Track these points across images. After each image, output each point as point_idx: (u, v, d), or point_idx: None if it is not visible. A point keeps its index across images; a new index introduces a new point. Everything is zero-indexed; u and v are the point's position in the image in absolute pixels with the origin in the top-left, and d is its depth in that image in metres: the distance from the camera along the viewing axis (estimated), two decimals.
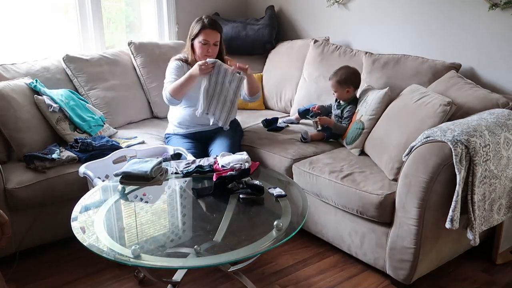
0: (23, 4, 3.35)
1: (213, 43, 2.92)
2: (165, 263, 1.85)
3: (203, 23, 2.91)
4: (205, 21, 2.91)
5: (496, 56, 2.84)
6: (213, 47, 2.93)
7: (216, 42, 2.94)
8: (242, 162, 2.41)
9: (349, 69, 2.99)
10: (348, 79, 2.95)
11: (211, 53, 2.93)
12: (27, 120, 2.81)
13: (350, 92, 2.97)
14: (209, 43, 2.91)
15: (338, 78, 2.96)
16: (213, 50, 2.94)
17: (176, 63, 3.02)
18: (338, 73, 2.98)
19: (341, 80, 2.95)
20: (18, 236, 2.61)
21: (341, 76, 2.96)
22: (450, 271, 2.58)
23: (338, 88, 2.98)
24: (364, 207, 2.41)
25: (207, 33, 2.90)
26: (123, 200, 2.27)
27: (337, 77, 2.97)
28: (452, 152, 2.13)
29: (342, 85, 2.96)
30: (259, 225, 2.14)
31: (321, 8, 3.75)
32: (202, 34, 2.90)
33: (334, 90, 3.01)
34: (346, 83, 2.95)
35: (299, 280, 2.53)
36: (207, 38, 2.90)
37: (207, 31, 2.90)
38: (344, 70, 2.98)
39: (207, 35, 2.90)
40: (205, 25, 2.90)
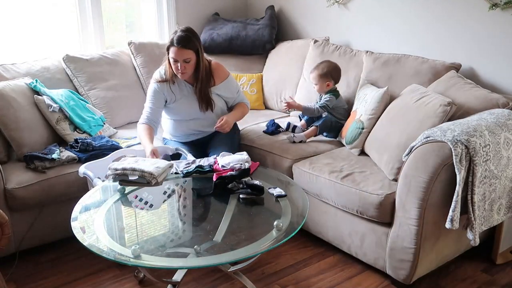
0: (23, 4, 3.35)
1: (183, 60, 2.68)
2: (165, 263, 1.86)
3: (172, 39, 2.66)
4: (175, 37, 2.66)
5: (496, 56, 2.84)
6: (185, 64, 2.69)
7: (187, 59, 2.68)
8: (242, 162, 2.41)
9: (330, 63, 3.08)
10: (329, 72, 3.04)
11: (185, 71, 2.71)
12: (27, 120, 2.81)
13: (330, 85, 3.07)
14: (178, 60, 2.68)
15: (320, 71, 3.04)
16: (186, 67, 2.70)
17: (154, 88, 2.83)
18: (320, 66, 3.06)
19: (322, 73, 3.03)
20: (18, 236, 2.61)
21: (323, 69, 3.04)
22: (450, 271, 2.58)
23: (319, 81, 3.06)
24: (364, 207, 2.41)
25: (174, 51, 2.66)
26: (123, 200, 2.27)
27: (319, 70, 3.05)
28: (452, 152, 2.13)
29: (323, 78, 3.04)
30: (259, 225, 2.14)
31: (321, 8, 3.75)
32: (170, 51, 2.69)
33: (315, 83, 3.09)
34: (327, 76, 3.04)
35: (299, 280, 2.53)
36: (175, 57, 2.67)
37: (173, 48, 2.66)
38: (326, 64, 3.07)
39: (174, 53, 2.67)
40: (173, 42, 2.65)
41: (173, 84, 2.83)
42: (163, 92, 2.84)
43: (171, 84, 2.83)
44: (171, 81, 2.82)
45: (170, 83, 2.83)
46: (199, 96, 2.83)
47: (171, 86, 2.84)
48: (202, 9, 4.07)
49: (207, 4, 4.11)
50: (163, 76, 2.83)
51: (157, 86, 2.84)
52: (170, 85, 2.83)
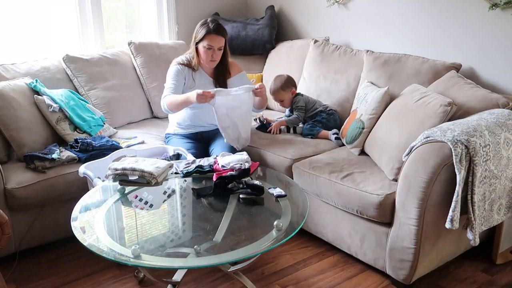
0: (23, 4, 3.35)
1: (218, 48, 2.89)
2: (165, 263, 1.85)
3: (208, 27, 2.85)
4: (211, 25, 2.86)
5: (496, 56, 2.84)
6: (218, 52, 2.90)
7: (221, 47, 2.90)
8: (242, 162, 2.41)
9: (281, 76, 3.27)
10: (287, 82, 3.23)
11: (215, 58, 2.92)
12: (27, 120, 2.81)
13: (294, 92, 3.25)
14: (214, 48, 2.88)
15: (280, 85, 3.22)
16: (217, 55, 2.91)
17: (177, 68, 2.98)
18: (276, 83, 3.24)
19: (283, 85, 3.22)
20: (18, 236, 2.61)
21: (281, 82, 3.22)
22: (450, 271, 2.58)
23: (284, 94, 3.23)
24: (364, 207, 2.41)
25: (211, 38, 2.86)
26: (123, 200, 2.27)
27: (277, 86, 3.23)
28: (452, 152, 2.13)
29: (286, 90, 3.22)
30: (259, 225, 2.14)
31: (321, 8, 3.75)
32: (206, 39, 2.86)
33: (280, 99, 3.27)
34: (287, 85, 3.23)
35: (299, 280, 2.53)
36: (211, 43, 2.86)
37: (212, 36, 2.86)
38: (279, 79, 3.25)
39: (211, 40, 2.86)
40: (210, 30, 2.85)
41: (193, 71, 2.97)
42: (184, 75, 2.97)
43: (192, 71, 2.98)
44: (193, 68, 2.97)
45: (192, 69, 2.97)
46: (218, 83, 2.98)
47: (191, 73, 2.98)
48: (202, 9, 4.08)
49: (207, 4, 4.11)
50: (187, 58, 2.98)
51: (179, 68, 2.98)
52: (191, 72, 2.98)
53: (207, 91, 2.70)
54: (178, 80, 2.95)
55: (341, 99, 3.26)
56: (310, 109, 3.22)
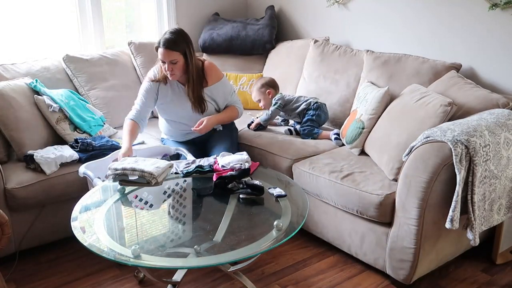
0: (23, 4, 3.35)
1: (170, 62, 2.70)
2: (165, 263, 1.85)
3: (159, 41, 2.71)
4: (161, 39, 2.70)
5: (496, 56, 2.84)
6: (173, 65, 2.71)
7: (173, 60, 2.69)
8: (242, 162, 2.41)
9: (263, 78, 3.38)
10: (265, 83, 3.30)
11: (173, 72, 2.73)
12: (27, 120, 2.81)
13: (271, 93, 3.28)
14: (165, 61, 2.71)
15: (256, 85, 3.31)
16: (174, 68, 2.72)
17: (147, 85, 2.86)
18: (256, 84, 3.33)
19: (259, 85, 3.29)
20: (18, 236, 2.61)
21: (259, 82, 3.33)
22: (450, 271, 2.58)
23: (262, 94, 3.29)
24: (364, 207, 2.41)
25: (160, 52, 2.70)
26: (123, 200, 2.27)
27: (254, 85, 3.33)
28: (452, 152, 2.13)
29: (260, 89, 3.29)
30: (259, 225, 2.14)
31: (321, 8, 3.75)
32: (158, 52, 2.72)
33: (258, 99, 3.33)
34: (263, 86, 3.29)
35: (299, 280, 2.53)
36: (161, 58, 2.71)
37: (160, 50, 2.70)
38: (259, 79, 3.37)
39: (161, 55, 2.70)
40: (159, 44, 2.70)
41: (165, 84, 2.86)
42: (155, 92, 2.87)
43: (164, 84, 2.86)
44: (163, 81, 2.85)
45: (163, 83, 2.85)
46: (191, 96, 2.83)
47: (164, 86, 2.86)
48: (202, 9, 4.08)
49: (207, 4, 4.11)
50: (156, 76, 2.86)
51: (149, 85, 2.87)
52: (163, 85, 2.86)
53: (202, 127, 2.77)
54: (146, 100, 2.86)
55: (341, 99, 3.26)
56: (290, 106, 3.20)
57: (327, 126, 3.31)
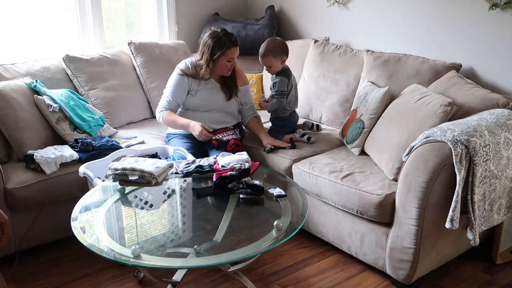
0: (23, 4, 3.35)
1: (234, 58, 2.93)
2: (165, 263, 1.85)
3: (227, 41, 2.85)
4: (228, 39, 2.86)
5: (496, 56, 2.84)
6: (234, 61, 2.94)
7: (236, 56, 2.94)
8: (242, 162, 2.41)
9: (275, 40, 3.02)
10: (279, 48, 2.95)
11: (232, 66, 2.95)
12: (27, 120, 2.81)
13: (285, 61, 2.99)
14: (234, 59, 2.92)
15: (272, 50, 2.94)
16: (233, 63, 2.95)
17: (179, 78, 2.96)
18: (267, 46, 2.96)
19: (274, 51, 2.94)
20: (18, 236, 2.61)
21: (273, 46, 2.95)
22: (450, 271, 2.58)
23: (273, 61, 2.96)
24: (364, 207, 2.41)
25: (233, 51, 2.88)
26: (123, 200, 2.27)
27: (268, 50, 2.94)
28: (452, 152, 2.13)
29: (277, 57, 2.95)
30: (259, 225, 2.14)
31: (321, 8, 3.75)
32: (228, 53, 2.87)
33: (269, 65, 2.99)
34: (279, 52, 2.95)
35: (299, 280, 2.53)
36: (233, 56, 2.90)
37: (233, 49, 2.88)
38: (271, 42, 2.98)
39: (233, 53, 2.89)
40: (231, 44, 2.86)
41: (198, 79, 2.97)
42: (187, 84, 2.97)
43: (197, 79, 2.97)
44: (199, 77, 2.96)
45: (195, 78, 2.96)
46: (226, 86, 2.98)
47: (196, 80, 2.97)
48: (202, 9, 4.08)
49: (207, 4, 4.11)
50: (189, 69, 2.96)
51: (182, 78, 2.97)
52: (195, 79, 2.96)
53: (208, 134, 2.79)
54: (179, 91, 2.96)
55: (341, 99, 3.26)
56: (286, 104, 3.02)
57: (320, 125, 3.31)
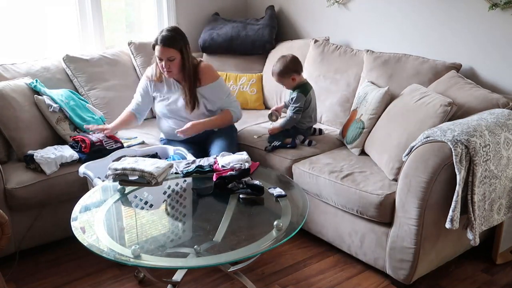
0: (23, 4, 3.35)
1: (167, 59, 2.75)
2: (165, 263, 1.85)
3: (156, 39, 2.76)
4: (159, 36, 2.76)
5: (496, 56, 2.84)
6: (169, 62, 2.76)
7: (171, 57, 2.75)
8: (242, 162, 2.41)
9: (284, 59, 2.97)
10: (287, 68, 2.94)
11: (170, 69, 2.78)
12: (27, 120, 2.81)
13: (295, 79, 2.96)
14: (163, 59, 2.76)
15: (278, 71, 2.95)
16: (171, 65, 2.77)
17: (144, 84, 2.98)
18: (277, 65, 2.97)
19: (280, 72, 2.95)
20: (18, 236, 2.61)
21: (280, 68, 2.95)
22: (450, 271, 2.58)
23: (283, 81, 2.98)
24: (364, 207, 2.41)
25: (157, 49, 2.76)
26: (123, 200, 2.27)
27: (277, 71, 2.96)
28: (452, 152, 2.13)
29: (285, 76, 2.95)
30: (259, 225, 2.14)
31: (321, 8, 3.75)
32: (155, 50, 2.78)
33: (280, 83, 3.02)
34: (288, 72, 2.94)
35: (299, 280, 2.53)
36: (159, 55, 2.77)
37: (157, 47, 2.76)
38: (281, 62, 2.97)
39: (158, 52, 2.76)
40: (157, 41, 2.75)
41: (160, 82, 2.94)
42: (151, 90, 2.97)
43: (159, 82, 2.94)
44: (159, 79, 2.93)
45: (159, 80, 2.93)
46: (186, 94, 2.89)
47: (159, 84, 2.95)
48: (202, 9, 4.07)
49: (207, 4, 4.11)
50: (154, 74, 2.94)
51: (147, 83, 2.97)
52: (159, 83, 2.94)
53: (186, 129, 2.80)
54: (143, 96, 2.98)
55: (341, 99, 3.26)
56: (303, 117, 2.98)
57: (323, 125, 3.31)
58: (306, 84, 3.01)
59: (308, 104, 2.98)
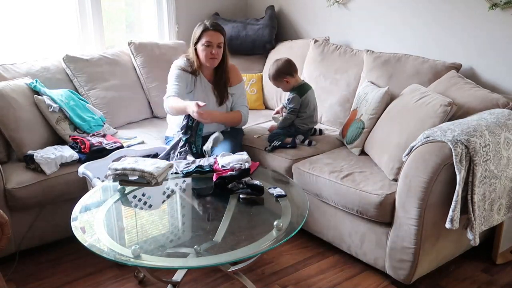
0: (23, 4, 3.35)
1: (217, 45, 2.85)
2: (165, 263, 1.85)
3: (205, 25, 2.85)
4: (207, 23, 2.86)
5: (496, 56, 2.84)
6: (217, 49, 2.86)
7: (220, 43, 2.86)
8: (242, 162, 2.41)
9: (277, 62, 3.02)
10: (279, 72, 2.99)
11: (215, 55, 2.86)
12: (27, 120, 2.81)
13: (289, 81, 3.00)
14: (212, 44, 2.83)
15: (271, 75, 3.02)
16: (217, 52, 2.86)
17: (178, 72, 2.91)
18: (271, 70, 3.03)
19: (273, 75, 3.01)
20: (18, 236, 2.61)
21: (272, 72, 3.01)
22: (450, 271, 2.58)
23: (278, 84, 3.03)
24: (364, 207, 2.41)
25: (209, 34, 2.83)
26: (123, 200, 2.27)
27: (271, 74, 3.03)
28: (452, 152, 2.13)
29: (278, 79, 3.01)
30: (259, 225, 2.14)
31: (321, 8, 3.75)
32: (204, 36, 2.83)
33: (276, 86, 3.09)
34: (280, 76, 2.99)
35: (299, 280, 2.53)
36: (210, 39, 2.83)
37: (210, 32, 2.83)
38: (274, 66, 3.02)
39: (210, 36, 2.83)
40: (207, 26, 2.84)
41: (194, 76, 2.94)
42: (185, 79, 2.93)
43: (193, 76, 2.93)
44: (195, 73, 2.93)
45: (193, 74, 2.93)
46: (217, 89, 2.94)
47: (193, 78, 2.94)
48: (202, 9, 4.07)
49: (207, 4, 4.11)
50: (187, 65, 2.93)
51: (181, 72, 2.93)
52: (191, 76, 2.93)
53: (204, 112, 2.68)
54: (180, 83, 2.91)
55: (341, 99, 3.26)
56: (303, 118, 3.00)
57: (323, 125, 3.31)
58: (303, 85, 3.03)
59: (306, 105, 3.00)
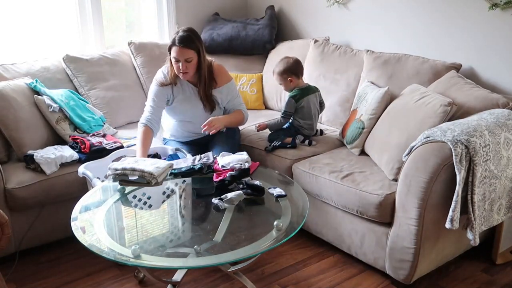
0: (23, 4, 3.35)
1: (185, 60, 2.69)
2: (165, 263, 1.86)
3: (173, 39, 2.68)
4: (176, 36, 2.68)
5: (496, 56, 2.84)
6: (187, 63, 2.70)
7: (189, 59, 2.69)
8: (242, 162, 2.40)
9: (287, 59, 2.99)
10: (287, 69, 2.96)
11: (187, 70, 2.72)
12: (27, 120, 2.81)
13: (293, 81, 2.97)
14: (180, 60, 2.69)
15: (278, 70, 2.98)
16: (188, 67, 2.71)
17: (156, 89, 2.83)
18: (278, 65, 3.00)
19: (280, 71, 2.97)
20: (18, 236, 2.61)
21: (280, 67, 2.98)
22: (450, 271, 2.58)
23: (282, 80, 2.99)
24: (364, 207, 2.41)
25: (175, 50, 2.68)
26: (123, 200, 2.27)
27: (277, 70, 2.99)
28: (452, 152, 2.13)
29: (284, 76, 2.97)
30: (259, 225, 2.14)
31: (321, 8, 3.75)
32: (172, 51, 2.70)
33: (279, 83, 3.03)
34: (286, 73, 2.96)
35: (299, 280, 2.53)
36: (176, 56, 2.68)
37: (175, 48, 2.67)
38: (283, 62, 2.99)
39: (176, 53, 2.68)
40: (175, 41, 2.67)
41: (175, 85, 2.84)
42: (166, 94, 2.84)
43: (174, 86, 2.84)
44: (173, 83, 2.83)
45: (173, 85, 2.83)
46: (203, 96, 2.84)
47: (173, 88, 2.84)
48: (202, 9, 4.07)
49: (207, 4, 4.11)
50: (166, 78, 2.83)
51: (158, 89, 2.84)
52: (173, 87, 2.84)
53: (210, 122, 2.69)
54: (157, 102, 2.83)
55: (341, 99, 3.26)
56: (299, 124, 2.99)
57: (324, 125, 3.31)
58: (304, 89, 3.00)
59: (301, 112, 2.97)
